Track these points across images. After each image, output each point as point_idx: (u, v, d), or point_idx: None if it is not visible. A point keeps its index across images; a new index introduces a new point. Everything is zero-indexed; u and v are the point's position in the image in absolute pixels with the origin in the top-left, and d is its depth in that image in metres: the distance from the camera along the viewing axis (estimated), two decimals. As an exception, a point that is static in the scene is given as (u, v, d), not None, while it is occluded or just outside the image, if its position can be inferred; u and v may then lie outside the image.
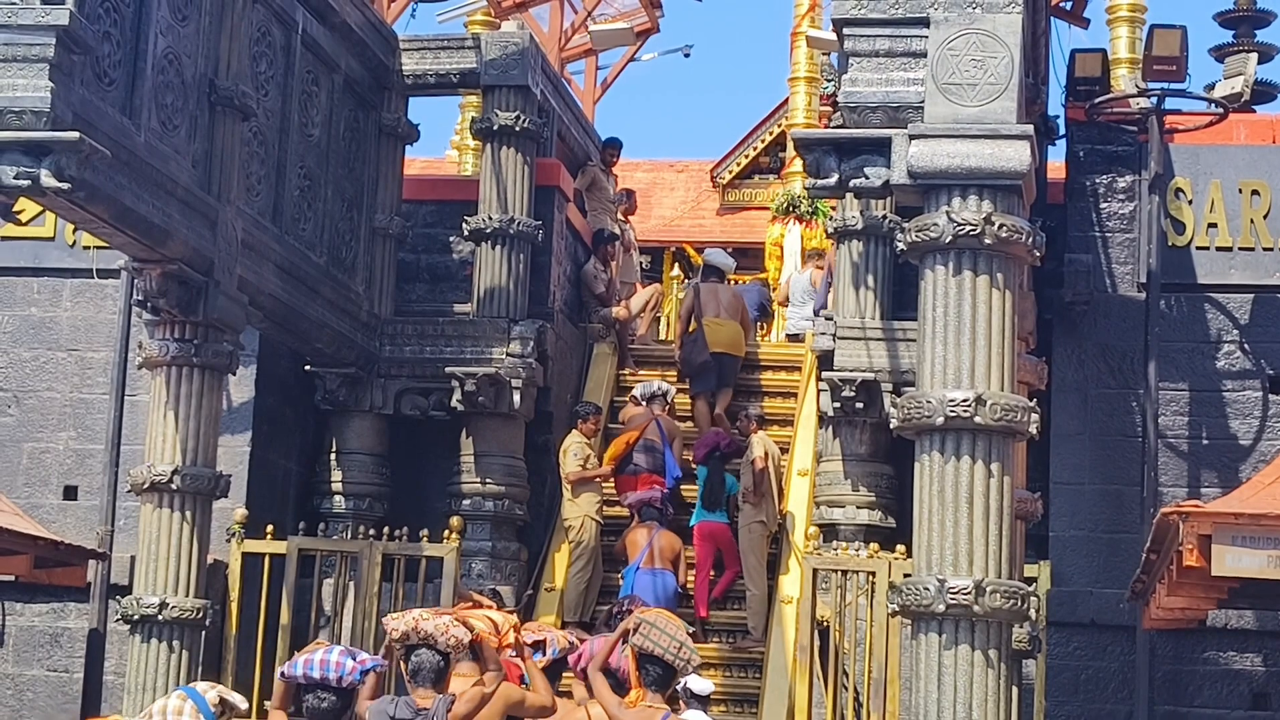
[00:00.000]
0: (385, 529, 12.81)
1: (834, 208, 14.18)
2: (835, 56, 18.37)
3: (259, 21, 12.16)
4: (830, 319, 13.40)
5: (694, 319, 15.42)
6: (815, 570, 11.79)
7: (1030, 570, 11.51)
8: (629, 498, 13.86)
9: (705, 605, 13.61)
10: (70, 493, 14.07)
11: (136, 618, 11.21)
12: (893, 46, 9.66)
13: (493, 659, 8.20)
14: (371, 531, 12.86)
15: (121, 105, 10.44)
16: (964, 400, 9.11)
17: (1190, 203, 13.65)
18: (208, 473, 11.42)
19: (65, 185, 9.41)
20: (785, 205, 21.58)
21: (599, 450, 14.31)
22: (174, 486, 11.25)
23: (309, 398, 14.23)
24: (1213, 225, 13.62)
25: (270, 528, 12.77)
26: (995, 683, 9.06)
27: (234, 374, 12.15)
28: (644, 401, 14.60)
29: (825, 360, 13.31)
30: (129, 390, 13.92)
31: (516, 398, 13.76)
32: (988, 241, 9.25)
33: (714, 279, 15.97)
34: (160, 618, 11.15)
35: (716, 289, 15.74)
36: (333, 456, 14.17)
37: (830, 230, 14.01)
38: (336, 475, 14.10)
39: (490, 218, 14.09)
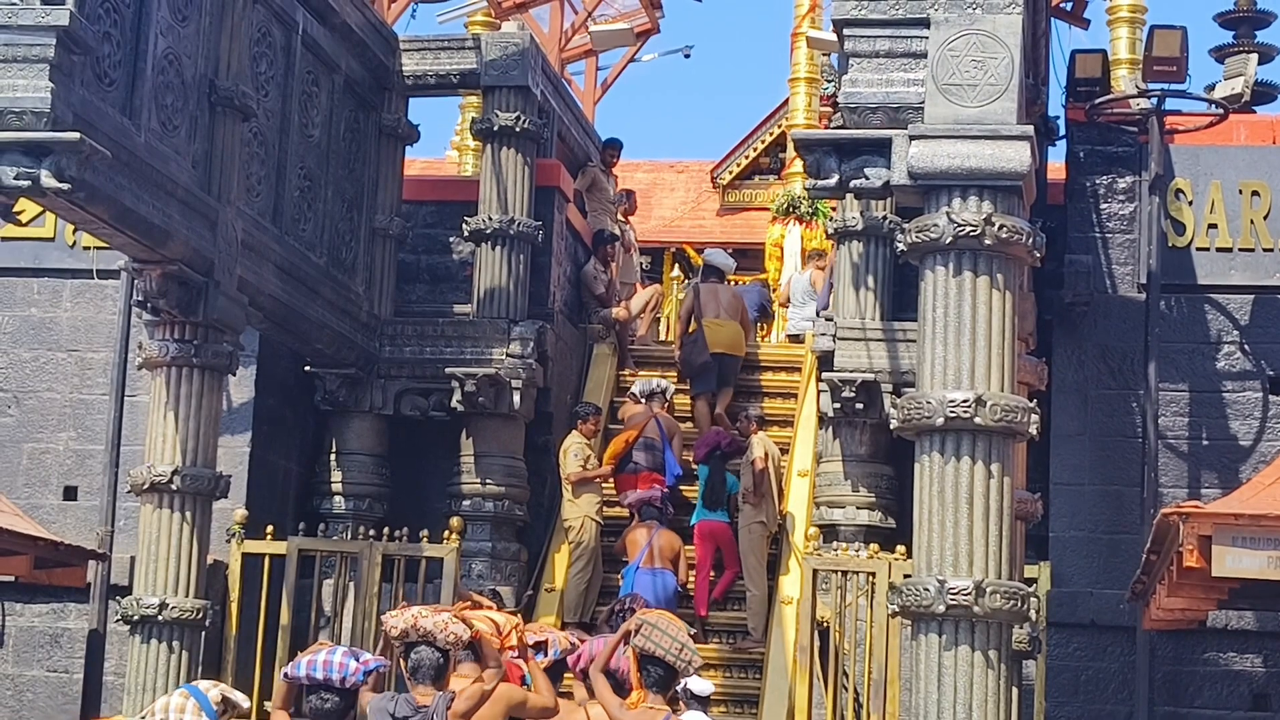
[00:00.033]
0: (385, 529, 12.79)
1: (834, 208, 14.19)
2: (835, 57, 18.42)
3: (259, 22, 12.16)
4: (830, 320, 13.40)
5: (694, 319, 15.42)
6: (815, 571, 11.77)
7: (1030, 571, 11.49)
8: (629, 497, 13.85)
9: (705, 604, 13.62)
10: (70, 493, 14.06)
11: (136, 618, 11.20)
12: (893, 47, 9.66)
13: (492, 656, 8.21)
14: (371, 532, 12.84)
15: (121, 106, 10.44)
16: (964, 401, 9.12)
17: (1190, 203, 13.64)
18: (208, 473, 11.42)
19: (65, 186, 9.40)
20: (785, 206, 21.57)
21: (599, 450, 14.31)
22: (174, 487, 11.24)
23: (309, 398, 14.22)
24: (1213, 226, 13.62)
25: (270, 528, 12.75)
26: (995, 683, 9.06)
27: (234, 374, 12.14)
28: (643, 399, 14.60)
29: (825, 361, 13.31)
30: (129, 391, 13.91)
31: (516, 398, 13.77)
32: (988, 242, 9.25)
33: (714, 279, 15.96)
34: (160, 618, 11.15)
35: (716, 289, 15.73)
36: (333, 457, 14.17)
37: (830, 231, 14.01)
38: (336, 476, 14.09)
39: (490, 218, 14.09)
